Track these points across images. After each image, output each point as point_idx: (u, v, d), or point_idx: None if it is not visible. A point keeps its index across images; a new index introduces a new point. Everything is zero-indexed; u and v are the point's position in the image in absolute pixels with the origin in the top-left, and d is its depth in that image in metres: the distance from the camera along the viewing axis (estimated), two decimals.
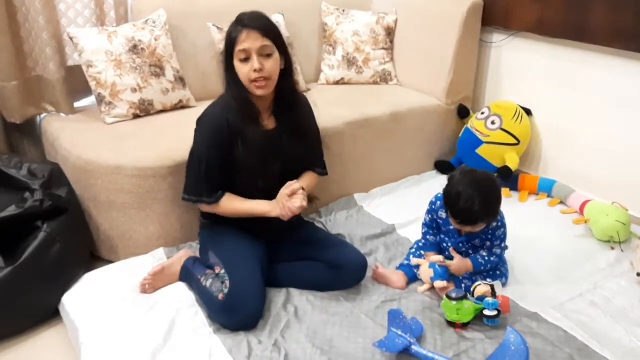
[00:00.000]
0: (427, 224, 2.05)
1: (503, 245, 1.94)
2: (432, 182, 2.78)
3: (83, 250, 2.15)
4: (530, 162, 2.89)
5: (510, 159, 2.68)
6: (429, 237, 2.03)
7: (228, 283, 1.78)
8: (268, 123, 1.92)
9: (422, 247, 2.06)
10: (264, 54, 1.79)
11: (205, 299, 1.84)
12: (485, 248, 1.92)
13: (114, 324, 1.77)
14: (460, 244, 1.95)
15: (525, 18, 2.70)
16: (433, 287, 1.91)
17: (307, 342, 1.71)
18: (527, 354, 1.55)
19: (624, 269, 2.08)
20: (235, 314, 1.75)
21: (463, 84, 2.92)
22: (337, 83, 3.03)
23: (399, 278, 1.97)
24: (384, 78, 3.04)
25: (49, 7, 2.42)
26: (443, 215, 1.97)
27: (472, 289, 1.84)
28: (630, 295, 1.93)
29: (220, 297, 1.77)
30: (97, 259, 2.25)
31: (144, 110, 2.47)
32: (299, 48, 2.94)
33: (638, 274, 2.00)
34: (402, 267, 2.03)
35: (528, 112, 2.79)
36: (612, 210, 2.29)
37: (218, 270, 1.87)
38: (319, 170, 2.10)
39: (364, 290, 1.95)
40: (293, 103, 1.93)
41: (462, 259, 1.90)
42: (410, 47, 2.99)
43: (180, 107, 2.59)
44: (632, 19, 2.29)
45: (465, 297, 1.77)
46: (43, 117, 2.60)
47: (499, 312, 1.76)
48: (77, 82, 2.55)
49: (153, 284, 1.93)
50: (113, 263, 2.12)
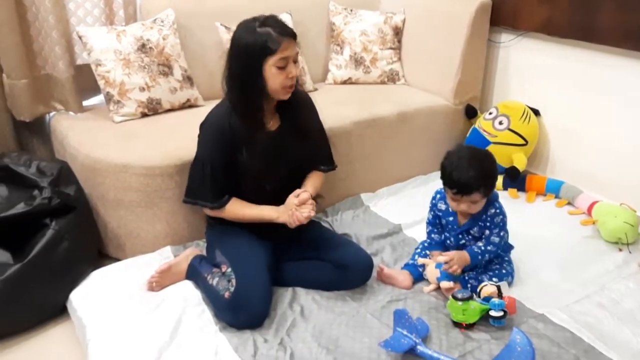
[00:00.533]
0: (430, 222, 2.05)
1: (502, 234, 1.92)
2: (439, 182, 2.71)
3: (91, 248, 2.17)
4: (538, 162, 2.88)
5: (518, 160, 2.67)
6: (434, 235, 2.04)
7: (234, 282, 1.79)
8: (272, 124, 1.93)
9: (427, 246, 2.06)
10: (295, 60, 1.81)
11: (212, 298, 1.84)
12: (484, 238, 1.92)
13: (121, 321, 1.78)
14: (460, 236, 1.95)
15: (534, 18, 2.69)
16: (439, 287, 1.91)
17: (312, 341, 1.71)
18: (533, 355, 1.55)
19: (632, 271, 2.07)
20: (241, 313, 1.75)
21: (471, 84, 2.91)
22: (344, 83, 3.03)
23: (405, 278, 1.97)
24: (392, 78, 3.04)
25: (59, 6, 2.43)
26: (442, 207, 1.98)
27: (478, 290, 1.84)
28: (638, 297, 1.92)
29: (227, 295, 1.77)
30: (104, 257, 2.26)
31: (152, 109, 2.48)
32: (307, 47, 2.94)
33: None
34: (407, 266, 2.03)
35: (536, 112, 2.78)
36: (620, 212, 2.28)
37: (224, 269, 1.87)
38: (325, 168, 2.10)
39: (370, 290, 1.95)
40: (295, 101, 1.93)
41: (458, 251, 1.89)
42: (418, 46, 2.99)
43: (188, 106, 2.60)
44: None
45: (471, 297, 1.76)
46: (52, 115, 2.61)
47: (505, 312, 1.75)
48: (86, 80, 2.56)
49: (160, 282, 1.94)
50: (120, 261, 2.14)
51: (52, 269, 1.93)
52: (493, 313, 1.75)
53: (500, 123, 2.71)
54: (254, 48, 1.75)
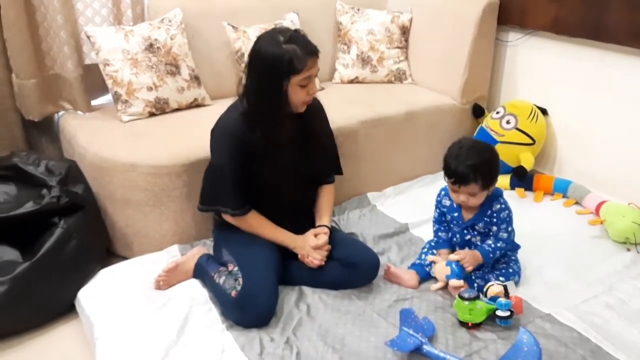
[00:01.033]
0: (436, 220, 2.06)
1: (510, 229, 1.92)
2: (444, 183, 2.76)
3: (99, 247, 2.18)
4: (546, 162, 2.87)
5: (525, 159, 2.66)
6: (441, 233, 2.04)
7: (241, 280, 1.79)
8: (285, 132, 1.91)
9: (434, 245, 2.06)
10: (316, 76, 1.83)
11: (219, 296, 1.85)
12: (492, 235, 1.91)
13: (128, 320, 1.79)
14: (465, 231, 1.95)
15: (542, 17, 2.68)
16: (446, 286, 1.91)
17: (318, 340, 1.71)
18: (539, 355, 1.54)
19: None
20: (248, 311, 1.76)
21: (478, 83, 2.90)
22: (351, 82, 3.03)
23: (411, 277, 1.97)
24: (399, 77, 3.03)
25: (67, 6, 2.45)
26: (447, 203, 1.99)
27: (484, 289, 1.84)
28: None
29: (233, 294, 1.78)
30: (112, 255, 2.27)
31: (160, 109, 2.50)
32: None
33: None
34: (414, 266, 2.03)
35: (544, 111, 2.77)
36: (628, 211, 2.26)
37: (231, 268, 1.88)
38: (333, 179, 2.12)
39: (376, 289, 1.95)
40: (308, 108, 1.91)
41: (470, 251, 1.89)
42: (425, 46, 2.98)
43: (196, 105, 2.61)
44: None
45: (478, 297, 1.76)
46: (61, 114, 2.63)
47: (512, 312, 1.75)
48: (94, 80, 2.58)
49: (167, 281, 1.95)
50: (128, 259, 2.15)
51: (60, 267, 1.94)
52: (500, 313, 1.75)
53: (508, 122, 2.70)
54: (280, 65, 1.73)
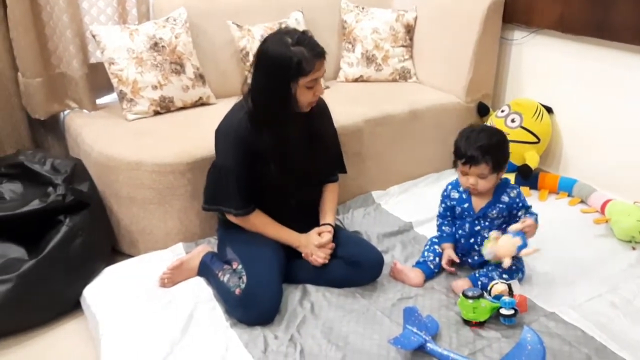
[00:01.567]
0: (441, 215, 2.06)
1: (528, 204, 1.96)
2: (450, 179, 2.74)
3: (104, 244, 2.19)
4: (551, 160, 2.86)
5: (530, 158, 2.66)
6: (445, 227, 2.04)
7: (245, 278, 1.80)
8: (291, 132, 1.91)
9: (437, 241, 2.06)
10: (322, 77, 1.84)
11: (223, 294, 1.86)
12: (527, 213, 1.93)
13: (133, 317, 1.80)
14: (476, 221, 1.96)
15: (547, 15, 2.67)
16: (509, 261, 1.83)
17: (322, 337, 1.71)
18: (543, 354, 1.54)
19: None
20: (252, 309, 1.77)
21: (483, 82, 2.89)
22: (356, 80, 3.03)
23: (416, 275, 1.97)
24: (403, 75, 3.03)
25: (73, 5, 2.46)
26: (456, 195, 2.00)
27: (488, 288, 1.83)
28: None
29: (237, 292, 1.79)
30: (117, 253, 2.28)
31: (165, 107, 2.50)
32: None
33: None
34: (419, 264, 2.03)
35: (549, 110, 2.76)
36: (633, 210, 2.25)
37: (235, 266, 1.89)
38: (337, 178, 2.12)
39: (380, 288, 1.95)
40: (313, 108, 1.92)
41: (528, 218, 1.88)
42: (430, 44, 2.98)
43: (200, 104, 2.62)
44: None
45: (482, 295, 1.76)
46: (66, 113, 2.65)
47: (516, 311, 1.75)
48: (99, 79, 2.59)
49: (172, 278, 1.95)
50: (133, 257, 2.16)
51: (66, 265, 1.95)
52: (504, 311, 1.74)
53: (513, 121, 2.70)
54: (288, 67, 1.73)
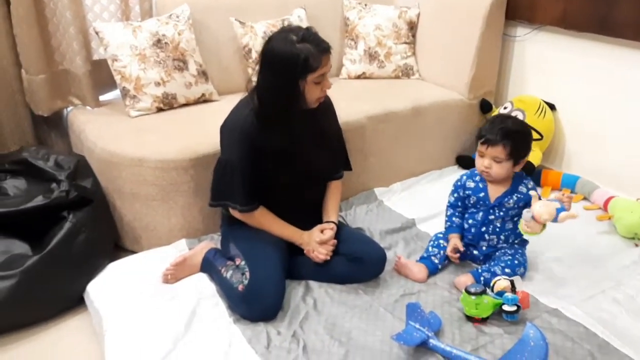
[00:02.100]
0: (452, 205, 2.07)
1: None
2: (453, 177, 2.72)
3: (107, 240, 2.19)
4: (554, 157, 2.86)
5: (533, 155, 2.65)
6: (455, 218, 2.05)
7: (248, 274, 1.80)
8: (297, 130, 1.92)
9: (445, 229, 2.07)
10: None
11: (226, 290, 1.86)
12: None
13: (137, 313, 1.81)
14: (491, 210, 1.96)
15: (550, 11, 2.66)
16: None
17: (325, 333, 1.72)
18: (546, 350, 1.54)
19: None
20: (255, 305, 1.77)
21: (486, 79, 2.89)
22: (358, 77, 3.03)
23: (420, 270, 1.97)
24: (406, 72, 3.03)
25: (76, 2, 2.46)
26: (471, 185, 2.02)
27: (491, 284, 1.84)
28: None
29: (240, 288, 1.79)
30: (120, 249, 2.29)
31: (168, 104, 2.51)
32: None
33: None
34: (422, 259, 2.03)
35: (552, 107, 2.76)
36: (636, 207, 2.25)
37: (238, 262, 1.89)
38: (341, 175, 2.13)
39: (383, 284, 1.96)
40: (319, 105, 1.92)
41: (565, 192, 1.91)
42: (433, 41, 2.97)
43: (203, 100, 2.62)
44: None
45: (485, 291, 1.76)
46: (69, 110, 2.65)
47: (519, 307, 1.75)
48: (102, 75, 2.60)
49: (175, 275, 1.96)
50: (136, 253, 2.16)
51: (69, 261, 1.96)
52: (506, 307, 1.75)
53: None
54: (295, 64, 1.73)
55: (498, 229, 1.98)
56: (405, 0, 3.09)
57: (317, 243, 1.92)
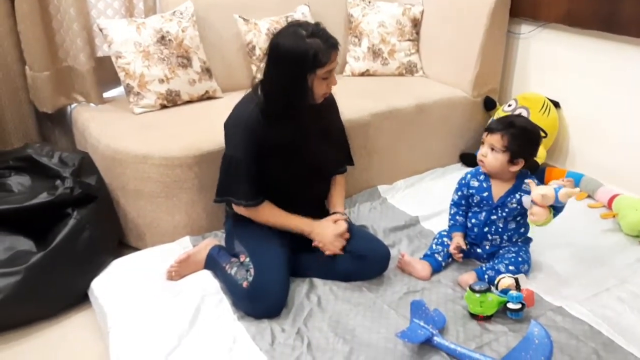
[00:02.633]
0: (455, 203, 2.07)
1: None
2: (456, 174, 2.73)
3: (111, 237, 2.20)
4: (558, 155, 2.85)
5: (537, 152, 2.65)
6: (458, 217, 2.05)
7: (252, 272, 1.80)
8: (305, 125, 1.92)
9: (449, 227, 2.07)
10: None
11: (230, 287, 1.86)
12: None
13: (141, 309, 1.81)
14: (494, 210, 1.96)
15: (554, 9, 2.65)
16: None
17: (329, 331, 1.72)
18: (550, 348, 1.54)
19: None
20: (259, 302, 1.77)
21: (490, 76, 2.89)
22: (362, 74, 3.03)
23: (424, 267, 1.97)
24: (410, 70, 3.02)
25: None
26: (475, 184, 2.01)
27: (495, 282, 1.84)
28: None
29: (245, 285, 1.79)
30: (125, 246, 2.29)
31: (171, 101, 2.51)
32: None
33: None
34: (426, 257, 2.03)
35: (556, 104, 2.75)
36: None
37: (243, 259, 1.89)
38: (344, 169, 2.12)
39: (387, 281, 1.96)
40: (323, 101, 1.92)
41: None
42: (437, 38, 2.97)
43: (207, 97, 2.62)
44: None
45: (489, 289, 1.76)
46: (73, 107, 2.65)
47: (523, 305, 1.75)
48: (106, 72, 2.60)
49: (179, 271, 1.96)
50: (140, 250, 2.17)
51: (74, 258, 1.96)
52: (511, 305, 1.74)
53: (519, 115, 2.69)
54: (304, 59, 1.73)
55: (501, 229, 1.98)
56: None
57: (334, 236, 1.89)
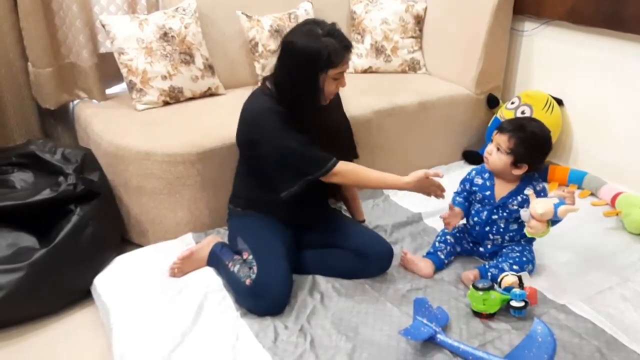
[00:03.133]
0: (458, 193, 2.07)
1: None
2: (459, 172, 2.72)
3: (114, 234, 2.20)
4: (561, 153, 2.84)
5: None
6: (458, 198, 2.06)
7: (255, 269, 1.80)
8: (315, 122, 1.92)
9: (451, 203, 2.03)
10: None
11: (233, 284, 1.86)
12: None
13: (144, 306, 1.81)
14: (495, 210, 1.96)
15: (558, 6, 2.65)
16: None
17: (332, 328, 1.72)
18: (554, 346, 1.54)
19: None
20: (262, 299, 1.77)
21: (493, 74, 2.88)
22: (365, 72, 3.02)
23: (427, 265, 1.97)
24: (413, 67, 3.02)
25: None
26: (479, 182, 2.01)
27: (499, 280, 1.83)
28: None
29: (248, 282, 1.79)
30: (127, 243, 2.29)
31: (174, 98, 2.50)
32: None
33: None
34: (429, 255, 2.03)
35: (559, 102, 2.74)
36: None
37: (246, 256, 1.89)
38: (351, 159, 2.12)
39: (390, 279, 1.95)
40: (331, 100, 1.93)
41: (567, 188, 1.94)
42: (440, 35, 2.96)
43: (209, 94, 2.62)
44: None
45: (492, 287, 1.76)
46: (76, 103, 2.65)
47: (526, 303, 1.74)
48: (109, 69, 2.59)
49: (182, 268, 1.96)
50: (143, 247, 2.16)
51: (76, 254, 1.97)
52: (514, 303, 1.74)
53: (523, 113, 2.68)
54: (318, 58, 1.75)
55: (502, 230, 1.97)
56: None
57: (436, 187, 1.89)
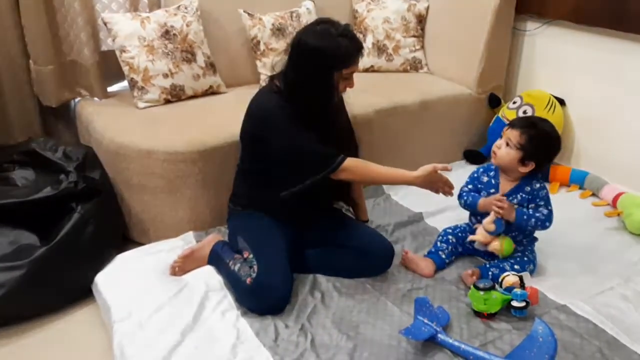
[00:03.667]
0: (464, 190, 2.06)
1: (550, 209, 1.93)
2: (461, 171, 2.72)
3: (115, 232, 2.20)
4: (562, 153, 2.82)
5: None
6: (466, 188, 2.05)
7: (256, 268, 1.80)
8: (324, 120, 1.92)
9: (471, 201, 2.00)
10: None
11: (233, 283, 1.86)
12: (530, 209, 1.93)
13: (145, 305, 1.80)
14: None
15: (561, 5, 2.64)
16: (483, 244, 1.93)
17: (333, 327, 1.72)
18: (555, 346, 1.54)
19: None
20: (263, 299, 1.77)
21: (495, 73, 2.88)
22: (366, 70, 3.02)
23: (427, 265, 1.97)
24: (414, 66, 3.01)
25: None
26: (485, 179, 2.02)
27: (500, 280, 1.83)
28: None
29: (248, 281, 1.79)
30: (128, 241, 2.29)
31: (175, 96, 2.50)
32: None
33: None
34: (430, 254, 2.03)
35: (561, 102, 2.74)
36: None
37: (246, 255, 1.88)
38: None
39: (391, 278, 1.95)
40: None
41: (511, 204, 1.91)
42: (442, 34, 2.96)
43: (211, 92, 2.62)
44: None
45: (493, 287, 1.76)
46: (77, 101, 2.65)
47: (527, 303, 1.74)
48: (110, 67, 2.59)
49: (182, 267, 1.96)
50: (144, 245, 2.16)
51: (77, 252, 1.96)
52: (515, 303, 1.74)
53: (525, 112, 2.68)
54: (333, 57, 1.75)
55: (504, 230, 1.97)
56: None
57: (443, 183, 1.90)
